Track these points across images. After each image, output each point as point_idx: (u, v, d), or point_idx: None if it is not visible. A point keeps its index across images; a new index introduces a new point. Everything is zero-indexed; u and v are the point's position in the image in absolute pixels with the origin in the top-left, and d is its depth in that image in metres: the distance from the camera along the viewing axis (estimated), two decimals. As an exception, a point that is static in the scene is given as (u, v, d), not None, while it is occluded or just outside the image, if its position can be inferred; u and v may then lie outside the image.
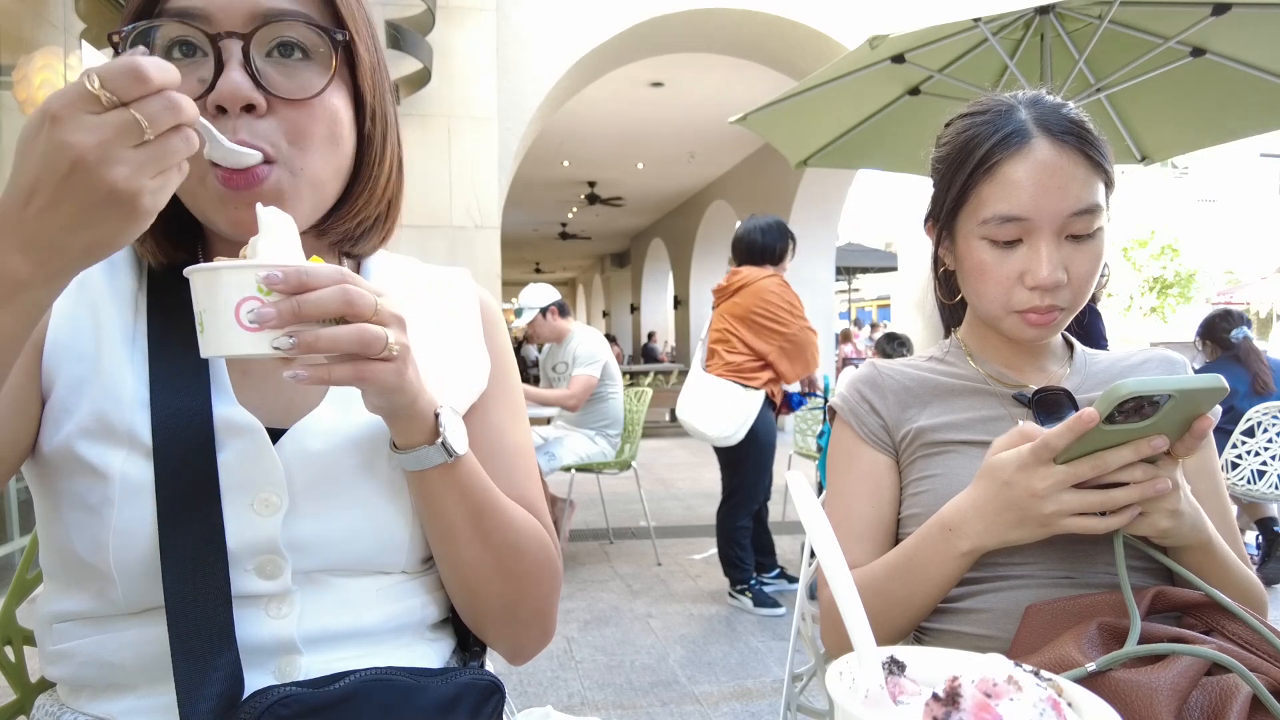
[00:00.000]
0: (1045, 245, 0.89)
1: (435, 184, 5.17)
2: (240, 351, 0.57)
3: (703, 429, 3.45)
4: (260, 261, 0.57)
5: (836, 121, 3.77)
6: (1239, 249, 20.79)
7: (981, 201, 0.92)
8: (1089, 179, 0.90)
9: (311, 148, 0.69)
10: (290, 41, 0.67)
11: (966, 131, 0.96)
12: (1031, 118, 0.92)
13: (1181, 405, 0.74)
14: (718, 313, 3.61)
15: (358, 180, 0.76)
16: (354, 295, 0.58)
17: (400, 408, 0.65)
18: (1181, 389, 0.72)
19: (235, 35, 0.64)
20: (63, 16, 3.59)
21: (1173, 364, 1.02)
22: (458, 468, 0.69)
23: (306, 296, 0.56)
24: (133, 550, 0.65)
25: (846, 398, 1.05)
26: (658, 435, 9.92)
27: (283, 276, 0.56)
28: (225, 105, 0.64)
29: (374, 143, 0.75)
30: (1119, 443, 0.76)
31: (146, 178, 0.50)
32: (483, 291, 0.89)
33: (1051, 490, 0.78)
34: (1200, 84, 3.22)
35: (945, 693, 0.49)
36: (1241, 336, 3.99)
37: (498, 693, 0.72)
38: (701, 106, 8.78)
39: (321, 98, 0.68)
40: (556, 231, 16.88)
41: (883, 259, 14.10)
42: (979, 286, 0.95)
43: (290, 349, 0.56)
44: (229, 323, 0.56)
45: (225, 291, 0.56)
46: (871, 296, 25.63)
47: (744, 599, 3.54)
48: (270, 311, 0.55)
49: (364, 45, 0.72)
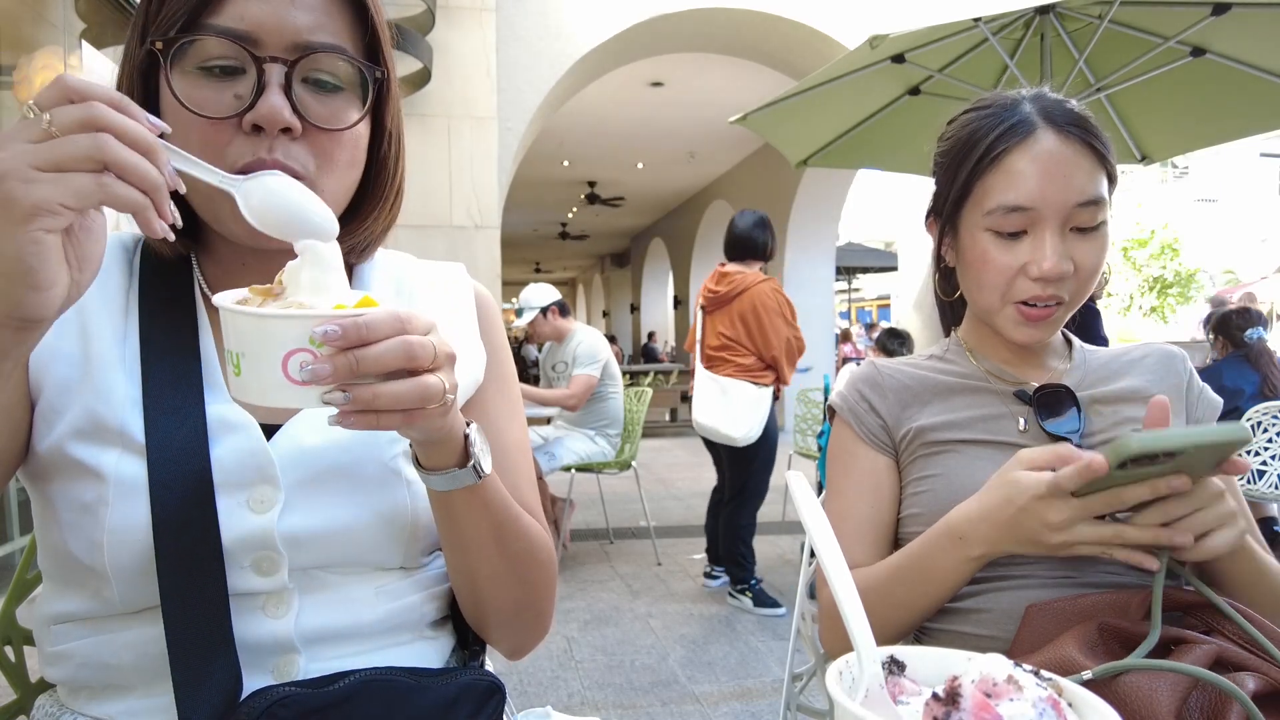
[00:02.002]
0: (1050, 236, 0.89)
1: (435, 184, 5.17)
2: (283, 404, 0.52)
3: (728, 431, 3.45)
4: (314, 313, 0.52)
5: (836, 121, 3.77)
6: (1239, 249, 20.79)
7: (986, 192, 0.92)
8: (1093, 171, 0.90)
9: (334, 172, 0.70)
10: (327, 73, 0.68)
11: (970, 125, 0.96)
12: (1036, 110, 0.92)
13: (1201, 453, 0.71)
14: (712, 317, 3.61)
15: (369, 198, 0.77)
16: (416, 347, 0.54)
17: (437, 435, 0.63)
18: (1196, 444, 0.69)
19: (280, 60, 0.65)
20: (63, 16, 3.59)
21: (1171, 358, 1.02)
22: (483, 485, 0.68)
23: (365, 352, 0.52)
24: (128, 550, 0.65)
25: (846, 397, 1.04)
26: (658, 435, 9.92)
27: (340, 332, 0.51)
28: (263, 125, 0.65)
29: (388, 165, 0.77)
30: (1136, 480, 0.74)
31: (25, 166, 0.46)
32: (479, 286, 0.89)
33: (1065, 525, 0.77)
34: (1200, 84, 3.22)
35: (945, 693, 0.49)
36: (1257, 337, 3.88)
37: (498, 693, 0.72)
38: (701, 106, 8.78)
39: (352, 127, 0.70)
40: (556, 231, 16.88)
41: (883, 259, 14.10)
42: (980, 276, 0.95)
43: (345, 404, 0.53)
44: (274, 374, 0.51)
45: (272, 341, 0.51)
46: (871, 296, 25.64)
47: (744, 599, 3.54)
48: (325, 369, 0.51)
49: (394, 79, 0.74)
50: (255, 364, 0.52)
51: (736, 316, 3.52)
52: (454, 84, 5.20)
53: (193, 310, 0.73)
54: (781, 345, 3.49)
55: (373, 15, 0.71)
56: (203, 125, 0.65)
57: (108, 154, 0.47)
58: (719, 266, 3.69)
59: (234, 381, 0.54)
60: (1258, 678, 0.71)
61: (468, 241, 5.23)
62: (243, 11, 0.65)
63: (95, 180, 0.47)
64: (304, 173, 0.67)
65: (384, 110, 0.75)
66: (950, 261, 1.02)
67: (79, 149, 0.47)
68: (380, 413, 0.55)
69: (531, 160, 8.72)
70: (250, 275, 0.72)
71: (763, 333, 3.48)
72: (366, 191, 0.77)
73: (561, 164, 11.20)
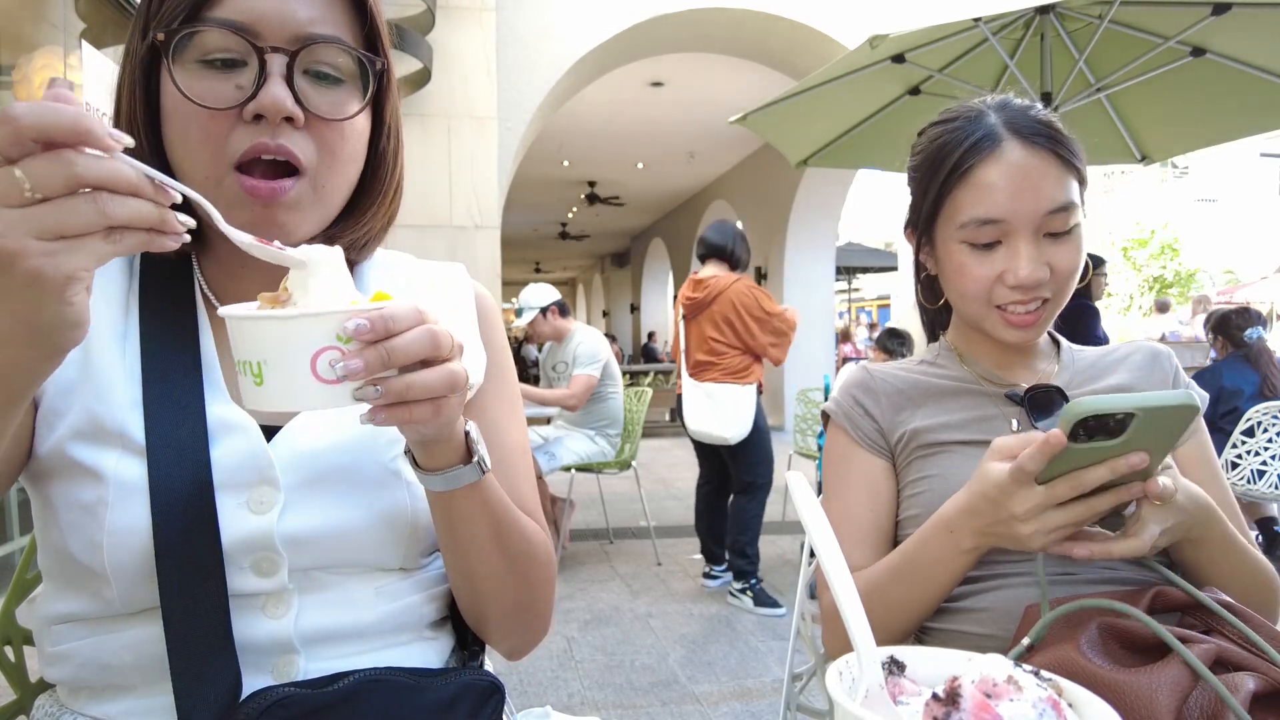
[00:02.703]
0: (1024, 245, 0.90)
1: (435, 184, 5.17)
2: (314, 408, 0.52)
3: (720, 433, 3.63)
4: (340, 309, 0.52)
5: (836, 121, 3.77)
6: (1239, 249, 20.79)
7: (958, 207, 0.93)
8: (1062, 177, 0.91)
9: (337, 164, 0.70)
10: (328, 65, 0.69)
11: (939, 140, 0.97)
12: (1001, 121, 0.93)
13: (1154, 421, 0.71)
14: (695, 323, 3.75)
15: (368, 193, 0.77)
16: (440, 336, 0.55)
17: (444, 432, 0.62)
18: (1144, 407, 0.69)
19: (281, 51, 0.66)
20: (63, 16, 3.59)
21: (1157, 355, 1.02)
22: (482, 483, 0.68)
23: (393, 344, 0.53)
24: (128, 551, 0.65)
25: (840, 402, 1.05)
26: (658, 435, 9.92)
27: (370, 326, 0.52)
28: (266, 114, 0.65)
29: (387, 160, 0.78)
30: (1097, 461, 0.74)
31: (29, 237, 0.45)
32: (479, 286, 0.89)
33: (1031, 514, 0.77)
34: (1200, 84, 3.22)
35: (945, 693, 0.49)
36: (1256, 337, 3.90)
37: (498, 693, 0.72)
38: (701, 106, 8.78)
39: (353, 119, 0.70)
40: (556, 231, 16.88)
41: (883, 259, 14.11)
42: (960, 287, 0.96)
43: (376, 400, 0.53)
44: (303, 376, 0.51)
45: (300, 342, 0.51)
46: (871, 296, 25.64)
47: (744, 599, 3.55)
48: (358, 364, 0.51)
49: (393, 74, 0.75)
50: (281, 369, 0.51)
51: (719, 319, 3.67)
52: (454, 84, 5.20)
53: (193, 311, 0.73)
54: (767, 334, 3.67)
55: (371, 8, 0.71)
56: (204, 117, 0.65)
57: (113, 218, 0.47)
58: (693, 274, 3.85)
59: (255, 393, 0.52)
60: (1257, 677, 0.71)
61: (468, 241, 5.23)
62: (243, 4, 0.65)
63: (105, 239, 0.47)
64: (306, 163, 0.67)
65: (384, 104, 0.75)
66: (931, 270, 1.03)
67: (84, 220, 0.46)
68: (412, 404, 0.55)
69: (531, 160, 8.72)
70: (251, 275, 0.72)
71: (746, 328, 3.66)
72: (366, 187, 0.77)
73: (561, 164, 11.20)
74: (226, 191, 0.66)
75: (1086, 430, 0.71)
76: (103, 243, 0.47)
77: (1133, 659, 0.74)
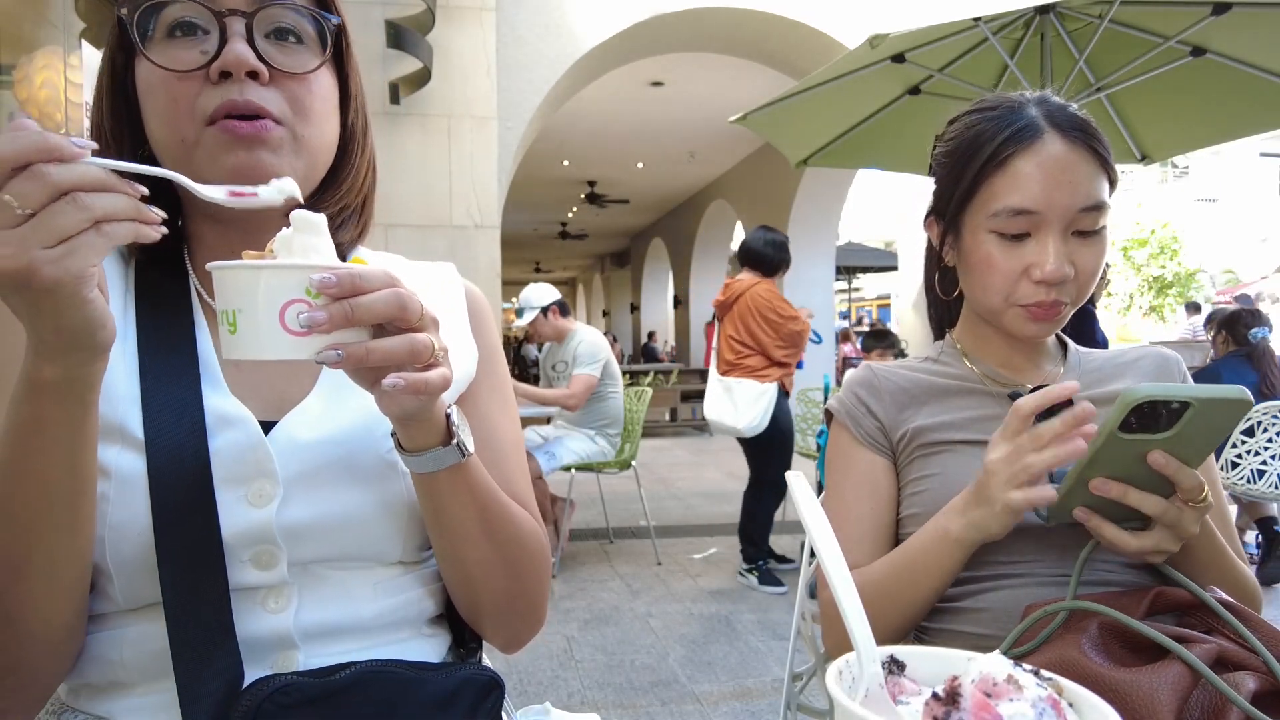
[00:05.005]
0: (1053, 239, 0.90)
1: (435, 184, 5.16)
2: (280, 356, 0.55)
3: (731, 423, 3.85)
4: (309, 263, 0.55)
5: (836, 121, 3.77)
6: (1239, 249, 20.78)
7: (992, 194, 0.92)
8: (1096, 176, 0.91)
9: (311, 119, 0.73)
10: (287, 26, 0.72)
11: (976, 126, 0.96)
12: (1041, 114, 0.93)
13: (1207, 414, 0.70)
14: (722, 324, 4.04)
15: (341, 166, 0.79)
16: (406, 298, 0.58)
17: (423, 411, 0.63)
18: (1202, 398, 0.69)
19: (239, 13, 0.69)
20: (63, 16, 3.59)
21: (1166, 360, 1.02)
22: (466, 466, 0.69)
23: (359, 300, 0.55)
24: (129, 546, 0.65)
25: (843, 400, 1.05)
26: (658, 435, 9.92)
27: (336, 280, 0.54)
28: (230, 70, 0.68)
29: (355, 133, 0.80)
30: (1139, 453, 0.73)
31: (35, 250, 0.49)
32: (470, 284, 0.90)
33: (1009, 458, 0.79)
34: (1200, 84, 3.22)
35: (945, 693, 0.49)
36: (1261, 336, 3.95)
37: (497, 688, 0.73)
38: (701, 106, 8.77)
39: (317, 75, 0.73)
40: (556, 231, 16.87)
41: (883, 259, 14.09)
42: (985, 279, 0.95)
43: (337, 363, 0.55)
44: (271, 326, 0.54)
45: (270, 292, 0.54)
46: (871, 296, 25.63)
47: (750, 577, 3.83)
48: (321, 316, 0.54)
49: (350, 38, 0.78)
50: (252, 318, 0.54)
51: (738, 319, 3.93)
52: (454, 84, 5.19)
53: (189, 307, 0.74)
54: (774, 336, 3.86)
55: None
56: (172, 82, 0.68)
57: (98, 214, 0.51)
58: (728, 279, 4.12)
59: (229, 341, 0.55)
60: (1258, 677, 0.71)
61: (468, 241, 5.22)
62: None
63: (97, 234, 0.51)
64: (282, 118, 0.70)
65: (347, 70, 0.78)
66: (950, 261, 1.02)
67: (72, 220, 0.50)
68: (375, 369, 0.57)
69: (531, 160, 8.71)
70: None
71: (752, 330, 3.88)
72: (339, 161, 0.79)
73: (561, 164, 11.19)
74: (207, 146, 0.68)
75: (1140, 419, 0.70)
76: (96, 236, 0.51)
77: (1134, 658, 0.74)
